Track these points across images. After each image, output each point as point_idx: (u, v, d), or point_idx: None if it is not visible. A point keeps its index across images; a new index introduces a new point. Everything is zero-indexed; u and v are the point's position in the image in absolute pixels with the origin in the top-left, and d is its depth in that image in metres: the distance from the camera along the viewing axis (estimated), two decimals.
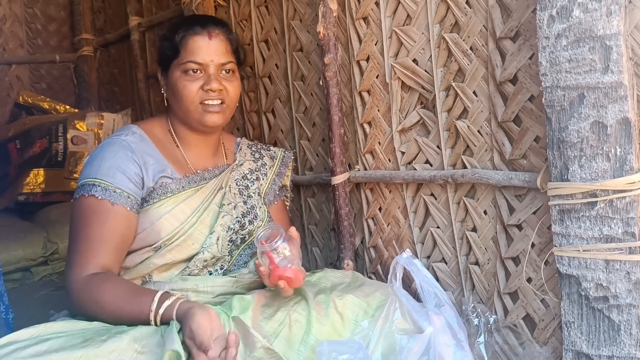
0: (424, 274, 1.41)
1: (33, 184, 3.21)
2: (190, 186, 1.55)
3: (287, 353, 1.31)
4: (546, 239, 1.34)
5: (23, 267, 2.76)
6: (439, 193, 1.64)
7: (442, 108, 1.58)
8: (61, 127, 3.33)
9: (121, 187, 1.45)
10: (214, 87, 1.52)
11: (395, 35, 1.69)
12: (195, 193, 1.55)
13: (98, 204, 1.43)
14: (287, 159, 1.83)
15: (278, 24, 2.20)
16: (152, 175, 1.51)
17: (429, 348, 1.21)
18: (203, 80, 1.53)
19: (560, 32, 1.16)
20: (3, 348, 1.18)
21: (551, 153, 1.21)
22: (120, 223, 1.44)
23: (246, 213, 1.63)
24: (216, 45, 1.56)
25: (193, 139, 1.62)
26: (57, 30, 4.19)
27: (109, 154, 1.49)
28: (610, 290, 1.15)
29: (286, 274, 1.37)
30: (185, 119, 1.58)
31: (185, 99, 1.53)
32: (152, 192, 1.50)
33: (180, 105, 1.55)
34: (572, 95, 1.16)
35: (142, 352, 1.22)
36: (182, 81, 1.53)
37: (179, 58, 1.55)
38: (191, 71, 1.53)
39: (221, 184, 1.61)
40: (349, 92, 1.89)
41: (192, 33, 1.55)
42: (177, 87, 1.54)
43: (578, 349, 1.21)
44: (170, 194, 1.51)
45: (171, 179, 1.53)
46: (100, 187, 1.44)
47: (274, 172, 1.78)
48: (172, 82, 1.56)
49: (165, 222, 1.48)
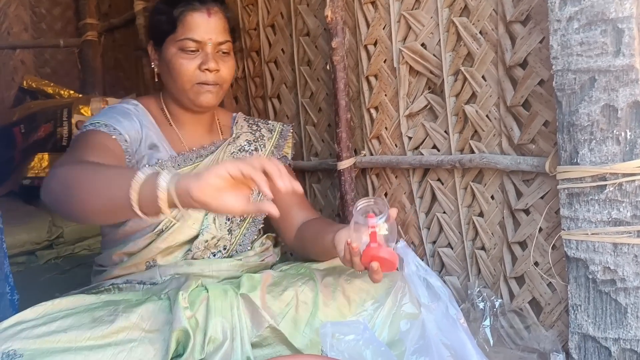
0: (417, 262, 1.40)
1: (38, 168, 3.21)
2: (186, 164, 1.55)
3: (292, 334, 1.31)
4: (554, 223, 1.35)
5: (28, 251, 2.78)
6: (446, 178, 1.64)
7: (450, 93, 1.58)
8: (66, 111, 3.32)
9: (120, 129, 1.45)
10: (212, 66, 1.50)
11: (404, 20, 1.68)
12: (192, 171, 1.52)
13: (98, 132, 1.42)
14: (286, 132, 1.79)
15: (285, 8, 2.19)
16: (148, 143, 1.51)
17: (424, 332, 1.22)
18: (201, 60, 1.50)
19: (572, 15, 1.16)
20: (11, 328, 1.17)
21: (561, 137, 1.21)
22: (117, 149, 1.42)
23: None
24: (215, 23, 1.52)
25: (187, 117, 1.61)
26: (61, 14, 4.18)
27: (110, 111, 1.52)
28: (617, 274, 1.15)
29: (381, 254, 1.23)
30: (179, 97, 1.56)
31: (181, 78, 1.51)
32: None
33: (175, 83, 1.53)
34: (583, 78, 1.16)
35: (151, 331, 1.22)
36: (179, 59, 1.50)
37: (175, 34, 1.51)
38: (189, 49, 1.50)
39: (217, 160, 1.60)
40: (355, 77, 1.89)
41: (191, 9, 1.51)
42: (173, 65, 1.51)
43: (584, 332, 1.22)
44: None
45: (167, 157, 1.53)
46: (100, 124, 1.44)
47: (272, 144, 1.75)
48: (167, 58, 1.53)
49: None
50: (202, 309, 1.28)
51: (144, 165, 1.49)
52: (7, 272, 1.68)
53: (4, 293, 1.61)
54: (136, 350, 1.18)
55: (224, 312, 1.29)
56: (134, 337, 1.20)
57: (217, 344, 1.25)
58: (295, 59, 2.16)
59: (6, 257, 1.68)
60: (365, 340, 1.15)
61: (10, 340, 1.13)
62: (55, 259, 2.83)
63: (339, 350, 1.13)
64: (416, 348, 1.22)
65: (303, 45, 2.11)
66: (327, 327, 1.20)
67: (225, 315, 1.28)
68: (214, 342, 1.25)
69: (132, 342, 1.19)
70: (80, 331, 1.18)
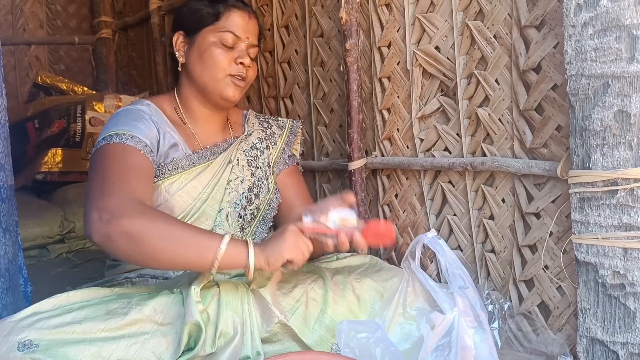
0: (449, 254, 1.42)
1: (51, 163, 3.25)
2: (200, 162, 1.56)
3: (302, 330, 1.33)
4: (564, 227, 1.35)
5: (40, 245, 2.81)
6: (457, 180, 1.65)
7: (463, 95, 1.59)
8: (79, 108, 3.36)
9: (145, 140, 1.44)
10: (246, 61, 1.55)
11: (418, 22, 1.69)
12: (206, 169, 1.56)
13: (127, 147, 1.40)
14: (296, 128, 1.81)
15: (299, 9, 2.21)
16: (166, 141, 1.52)
17: (451, 329, 1.22)
18: (237, 54, 1.54)
19: (587, 21, 1.17)
20: (28, 318, 1.20)
21: (573, 141, 1.22)
22: (149, 167, 1.43)
23: (253, 186, 1.63)
24: (253, 26, 1.60)
25: (203, 113, 1.62)
26: (76, 12, 4.23)
27: (128, 115, 1.50)
28: (627, 278, 1.16)
29: (380, 228, 1.31)
30: (206, 87, 1.56)
31: (216, 66, 1.53)
32: (163, 167, 1.50)
33: (208, 71, 1.55)
34: (596, 83, 1.17)
35: (163, 324, 1.24)
36: (217, 48, 1.54)
37: (216, 25, 1.55)
38: (227, 42, 1.54)
39: (230, 157, 1.62)
40: (368, 79, 1.90)
41: (235, 7, 1.58)
42: (210, 53, 1.53)
43: (593, 336, 1.22)
44: (182, 169, 1.52)
45: (182, 155, 1.54)
46: (125, 135, 1.42)
47: (283, 140, 1.77)
48: (202, 46, 1.55)
49: (178, 198, 1.50)
50: (214, 303, 1.30)
51: (162, 164, 1.50)
52: (21, 264, 1.70)
53: (18, 285, 1.63)
54: (149, 343, 1.20)
55: (234, 307, 1.30)
56: (147, 330, 1.22)
57: (228, 338, 1.27)
58: (308, 60, 2.18)
59: (20, 250, 1.70)
60: (376, 339, 1.16)
61: (27, 330, 1.16)
62: (66, 253, 2.86)
63: (350, 347, 1.14)
64: (439, 345, 1.23)
65: (317, 46, 2.13)
66: (343, 324, 1.23)
67: (236, 310, 1.30)
68: (225, 337, 1.26)
69: (145, 334, 1.21)
70: (94, 322, 1.20)
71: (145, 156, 1.43)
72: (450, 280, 1.38)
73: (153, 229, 1.24)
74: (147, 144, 1.45)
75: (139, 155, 1.42)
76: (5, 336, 1.15)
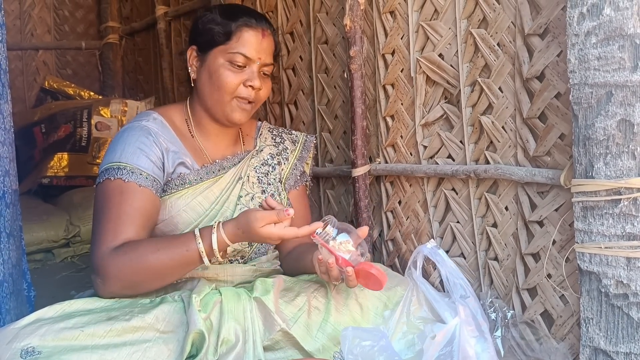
0: (449, 264, 1.41)
1: (57, 168, 3.27)
2: (208, 177, 1.53)
3: (304, 338, 1.33)
4: (567, 236, 1.35)
5: (45, 249, 2.82)
6: (460, 188, 1.65)
7: (466, 103, 1.59)
8: (86, 112, 3.38)
9: (147, 171, 1.43)
10: (256, 84, 1.50)
11: (422, 30, 1.69)
12: (214, 184, 1.53)
13: (125, 186, 1.40)
14: (309, 143, 1.77)
15: (304, 16, 2.21)
16: (171, 162, 1.49)
17: (453, 339, 1.22)
18: (247, 76, 1.50)
19: (590, 30, 1.16)
20: (31, 325, 1.21)
21: (576, 150, 1.22)
22: (148, 203, 1.42)
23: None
24: (266, 44, 1.53)
25: (213, 127, 1.59)
26: (84, 17, 4.26)
27: (132, 138, 1.47)
28: (630, 288, 1.15)
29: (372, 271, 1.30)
30: (213, 108, 1.54)
31: (223, 88, 1.50)
32: (170, 182, 1.48)
33: (215, 92, 1.51)
34: (599, 92, 1.16)
35: (165, 332, 1.25)
36: (225, 70, 1.49)
37: (227, 45, 1.50)
38: (237, 63, 1.49)
39: (240, 174, 1.59)
40: (372, 85, 1.91)
41: (248, 25, 1.51)
42: (219, 75, 1.50)
43: (596, 345, 1.22)
44: (189, 185, 1.50)
45: (189, 170, 1.51)
46: (126, 169, 1.41)
47: (296, 156, 1.73)
48: (212, 67, 1.51)
49: (183, 214, 1.48)
50: (216, 311, 1.30)
51: (169, 180, 1.49)
52: (25, 269, 1.71)
53: (21, 289, 1.65)
54: (151, 350, 1.21)
55: (237, 314, 1.31)
56: (149, 338, 1.23)
57: (230, 345, 1.27)
58: (313, 66, 2.18)
59: (24, 255, 1.71)
60: (379, 348, 1.17)
61: (30, 337, 1.16)
62: (71, 257, 2.87)
63: (354, 354, 1.15)
64: (440, 355, 1.23)
65: (321, 53, 2.14)
66: (348, 330, 1.23)
67: (238, 318, 1.30)
68: (227, 344, 1.27)
69: (147, 342, 1.22)
70: (97, 328, 1.21)
71: (145, 190, 1.41)
72: (451, 290, 1.38)
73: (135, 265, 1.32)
74: (150, 174, 1.43)
75: (138, 191, 1.40)
76: (8, 343, 1.15)
